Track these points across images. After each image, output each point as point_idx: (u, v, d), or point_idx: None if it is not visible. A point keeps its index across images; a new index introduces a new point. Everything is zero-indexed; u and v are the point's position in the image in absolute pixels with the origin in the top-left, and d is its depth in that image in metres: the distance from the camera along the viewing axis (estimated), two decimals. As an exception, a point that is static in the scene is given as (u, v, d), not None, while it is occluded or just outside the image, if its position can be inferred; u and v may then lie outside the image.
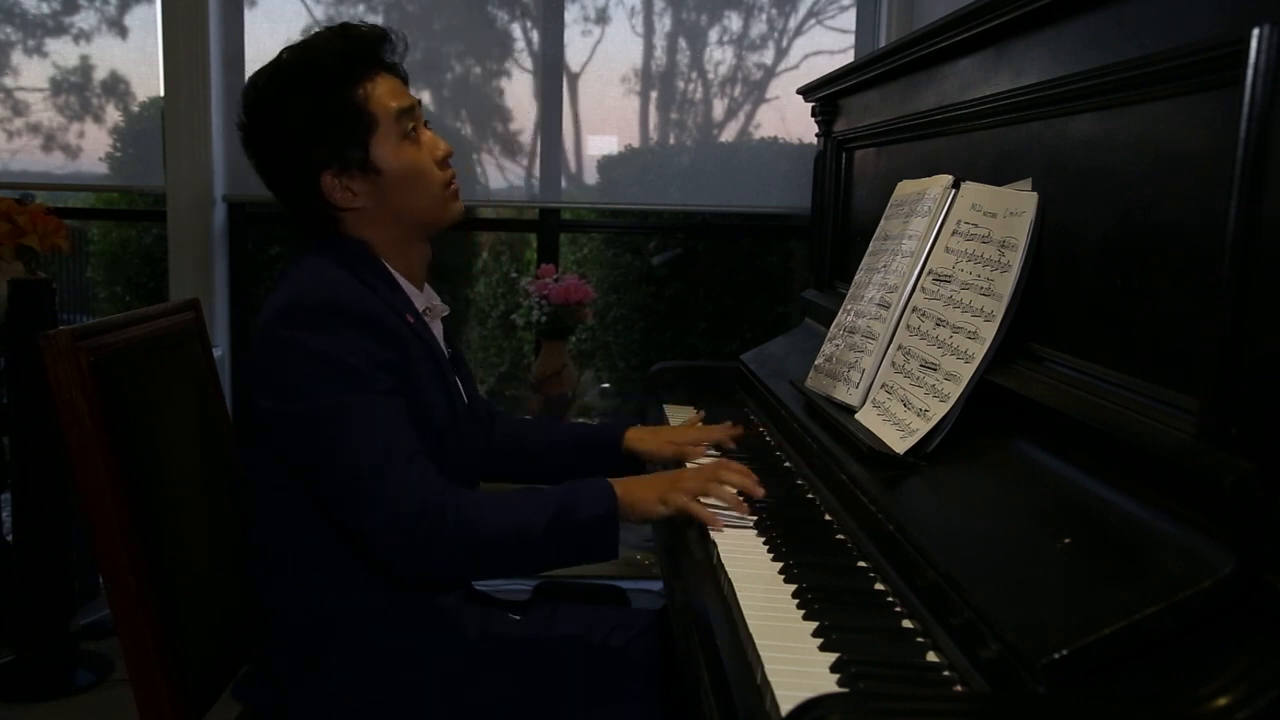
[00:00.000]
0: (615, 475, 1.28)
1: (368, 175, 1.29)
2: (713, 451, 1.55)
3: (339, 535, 1.28)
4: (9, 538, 2.58)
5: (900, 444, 1.22)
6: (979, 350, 1.18)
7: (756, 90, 3.16)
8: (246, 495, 1.36)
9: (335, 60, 1.27)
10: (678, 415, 1.90)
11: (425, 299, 1.40)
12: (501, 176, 3.14)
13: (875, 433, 1.30)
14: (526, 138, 3.11)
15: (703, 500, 1.26)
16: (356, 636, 1.28)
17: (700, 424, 1.65)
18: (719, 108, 3.16)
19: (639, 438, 1.58)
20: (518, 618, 1.42)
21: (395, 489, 1.15)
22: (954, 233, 1.32)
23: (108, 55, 3.14)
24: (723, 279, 3.65)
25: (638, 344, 3.75)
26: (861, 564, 1.13)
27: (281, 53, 1.30)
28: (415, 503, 1.15)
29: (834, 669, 0.86)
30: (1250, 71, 0.76)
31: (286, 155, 1.29)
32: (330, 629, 1.29)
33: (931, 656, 0.91)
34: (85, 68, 3.14)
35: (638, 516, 1.25)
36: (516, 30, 3.11)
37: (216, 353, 1.94)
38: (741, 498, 1.27)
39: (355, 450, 1.16)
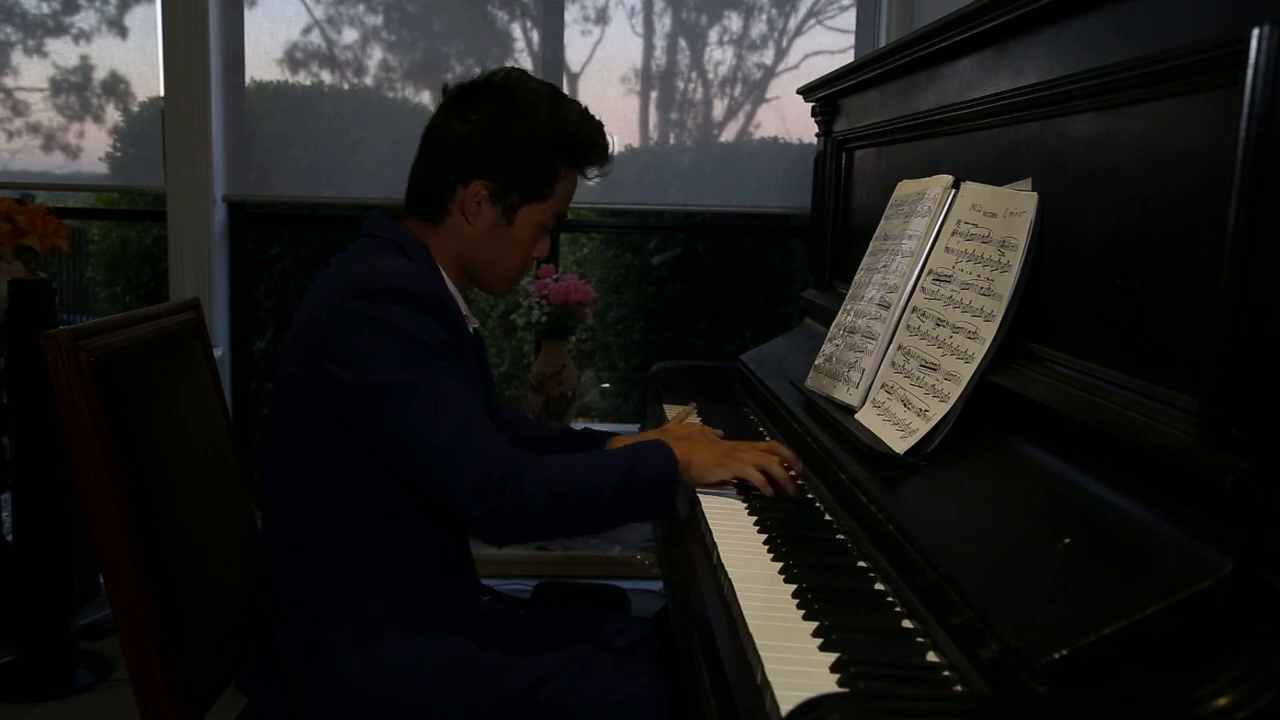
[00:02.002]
0: None
1: (500, 217, 1.36)
2: None
3: (344, 531, 1.30)
4: (9, 538, 2.58)
5: (900, 444, 1.22)
6: (979, 350, 1.18)
7: (756, 90, 3.16)
8: (259, 487, 1.38)
9: (577, 138, 1.36)
10: (678, 415, 1.90)
11: (463, 309, 1.43)
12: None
13: (875, 433, 1.30)
14: (527, 137, 3.11)
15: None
16: (360, 631, 1.29)
17: (694, 415, 1.70)
18: (719, 108, 3.16)
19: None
20: (522, 614, 1.43)
21: (480, 454, 1.20)
22: (954, 233, 1.32)
23: (108, 55, 3.14)
24: (723, 279, 3.64)
25: (638, 344, 3.74)
26: (861, 564, 1.13)
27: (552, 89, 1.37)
28: (500, 466, 1.20)
29: (834, 669, 0.86)
30: (1250, 71, 0.76)
31: (483, 140, 1.34)
32: (334, 623, 1.29)
33: (931, 656, 0.91)
34: (85, 68, 3.14)
35: (693, 479, 1.32)
36: (516, 30, 3.11)
37: (217, 353, 1.94)
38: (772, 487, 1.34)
39: (440, 419, 1.20)
